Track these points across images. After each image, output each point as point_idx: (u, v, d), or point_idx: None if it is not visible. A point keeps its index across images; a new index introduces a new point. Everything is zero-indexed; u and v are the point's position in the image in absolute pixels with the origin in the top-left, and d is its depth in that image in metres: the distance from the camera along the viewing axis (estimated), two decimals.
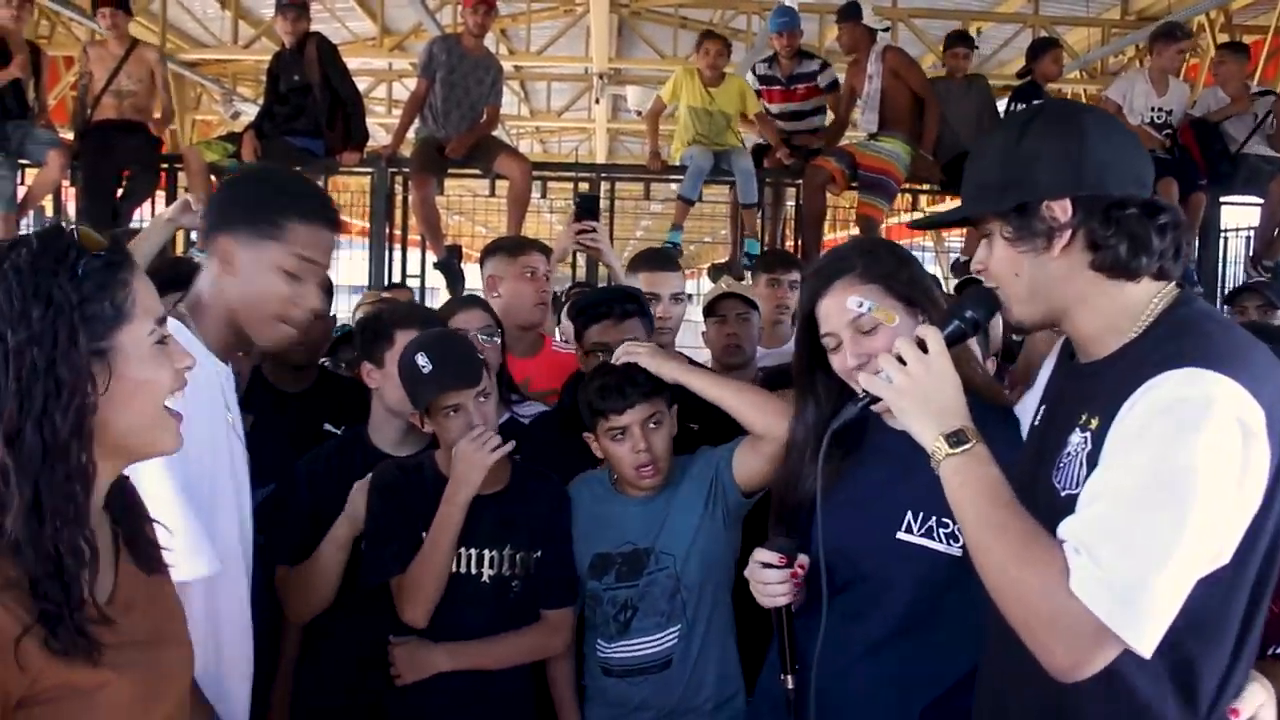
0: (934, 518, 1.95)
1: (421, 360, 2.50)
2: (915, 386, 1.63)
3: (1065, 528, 1.46)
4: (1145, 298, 1.58)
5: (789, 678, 2.00)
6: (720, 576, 2.56)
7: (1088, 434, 1.53)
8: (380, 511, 2.59)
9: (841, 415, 1.80)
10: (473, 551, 2.56)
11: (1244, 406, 1.40)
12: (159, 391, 1.45)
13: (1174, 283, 1.60)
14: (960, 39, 7.76)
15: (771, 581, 2.00)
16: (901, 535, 1.98)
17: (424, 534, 2.52)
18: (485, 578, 2.57)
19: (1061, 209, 1.57)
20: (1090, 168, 1.57)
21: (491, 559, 2.58)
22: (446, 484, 2.53)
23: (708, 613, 2.55)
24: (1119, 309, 1.59)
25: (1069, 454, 1.57)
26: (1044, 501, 1.57)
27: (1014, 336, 4.10)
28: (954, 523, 1.85)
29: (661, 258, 3.65)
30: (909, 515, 1.98)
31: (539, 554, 2.61)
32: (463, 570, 2.55)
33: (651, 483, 2.55)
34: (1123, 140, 1.62)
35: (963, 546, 1.77)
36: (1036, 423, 1.77)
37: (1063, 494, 1.55)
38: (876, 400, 1.70)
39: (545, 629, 2.63)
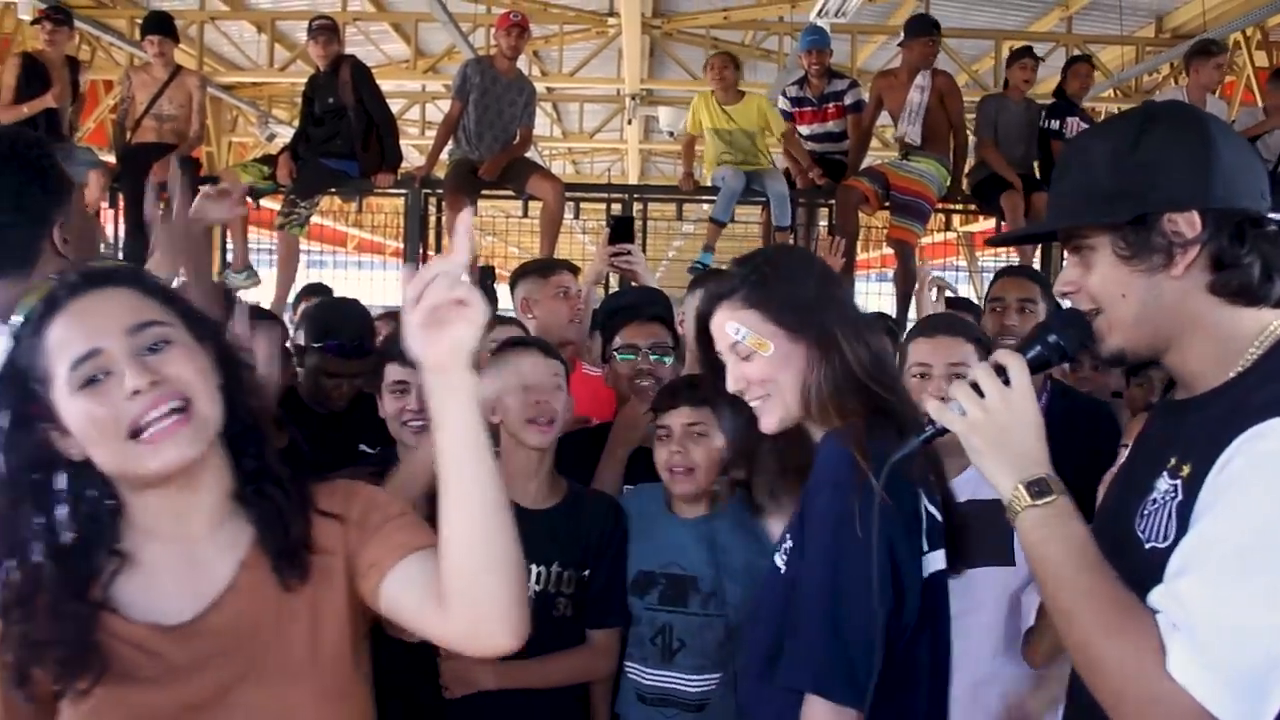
0: (786, 536, 1.84)
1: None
2: (992, 423, 1.43)
3: (1160, 598, 1.30)
4: (1257, 328, 1.40)
5: None
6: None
7: (1177, 481, 1.37)
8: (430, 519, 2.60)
9: (904, 448, 1.55)
10: None
11: None
12: (98, 435, 1.39)
13: None
14: (1027, 53, 7.57)
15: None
16: (776, 556, 1.88)
17: None
18: (531, 593, 2.55)
19: (1188, 223, 1.38)
20: (1220, 178, 1.39)
21: (539, 575, 2.57)
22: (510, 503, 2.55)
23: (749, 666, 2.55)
24: (1229, 339, 1.41)
25: (1155, 501, 1.40)
26: (1125, 551, 1.41)
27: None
28: (790, 538, 1.81)
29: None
30: (785, 538, 1.86)
31: (588, 573, 2.59)
32: None
33: (684, 489, 2.54)
34: (1247, 150, 1.46)
35: (787, 563, 1.78)
36: (1124, 460, 1.61)
37: (1147, 546, 1.39)
38: (944, 433, 1.50)
39: (592, 651, 2.61)
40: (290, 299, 6.55)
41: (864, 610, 1.60)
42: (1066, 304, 1.57)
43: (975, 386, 1.46)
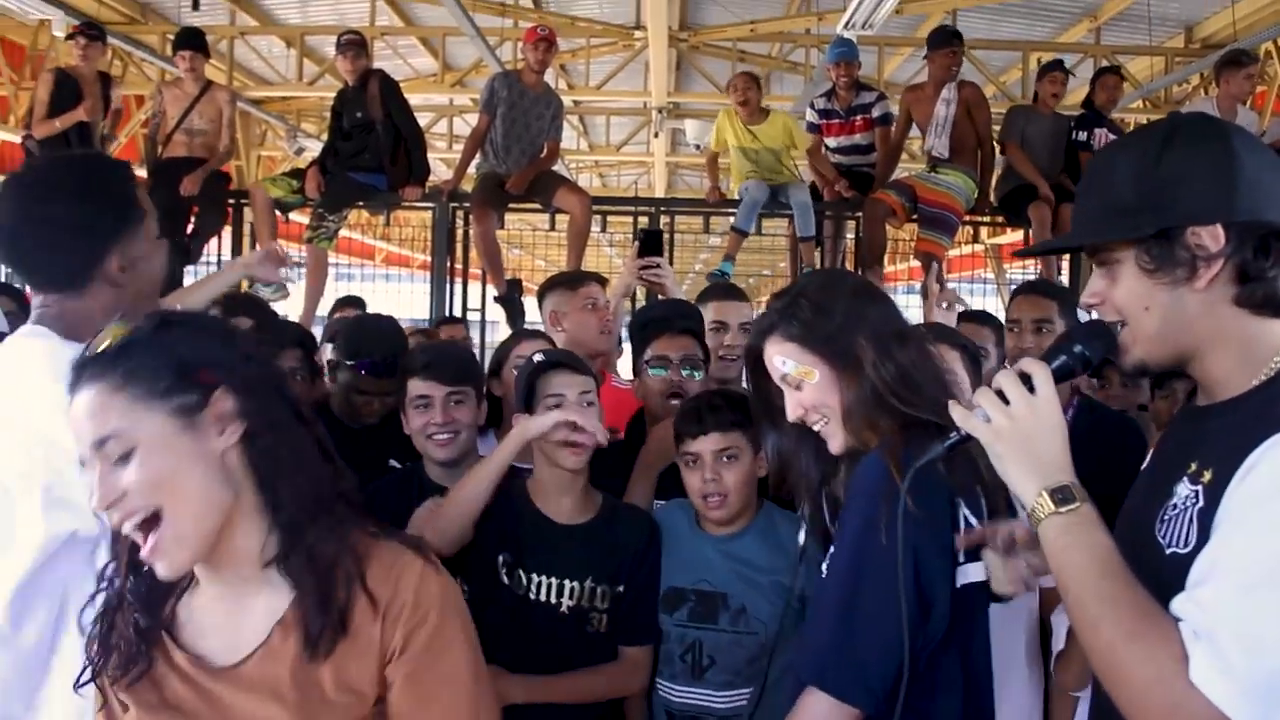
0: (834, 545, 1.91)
1: (537, 355, 2.61)
2: (1017, 430, 1.44)
3: (1182, 605, 1.30)
4: None
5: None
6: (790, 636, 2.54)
7: (1199, 487, 1.37)
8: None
9: (928, 453, 1.58)
10: (552, 580, 2.53)
11: None
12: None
13: None
14: (1057, 66, 7.57)
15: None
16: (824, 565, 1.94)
17: (517, 560, 2.52)
18: (564, 608, 2.54)
19: (1212, 236, 1.39)
20: (1244, 191, 1.39)
21: (572, 590, 2.55)
22: (536, 511, 2.55)
23: (786, 678, 2.54)
24: (1254, 348, 1.42)
25: (1176, 507, 1.40)
26: (1146, 557, 1.41)
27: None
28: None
29: (729, 289, 3.69)
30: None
31: (621, 589, 2.58)
32: (541, 599, 2.52)
33: (718, 515, 2.53)
34: (1273, 162, 1.45)
35: (827, 569, 1.83)
36: (1145, 466, 1.62)
37: (1167, 551, 1.39)
38: (968, 439, 1.52)
39: (624, 667, 2.59)
40: (322, 311, 6.59)
41: (883, 614, 1.64)
42: (1092, 315, 1.57)
43: (1000, 394, 1.47)
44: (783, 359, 1.91)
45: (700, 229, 8.73)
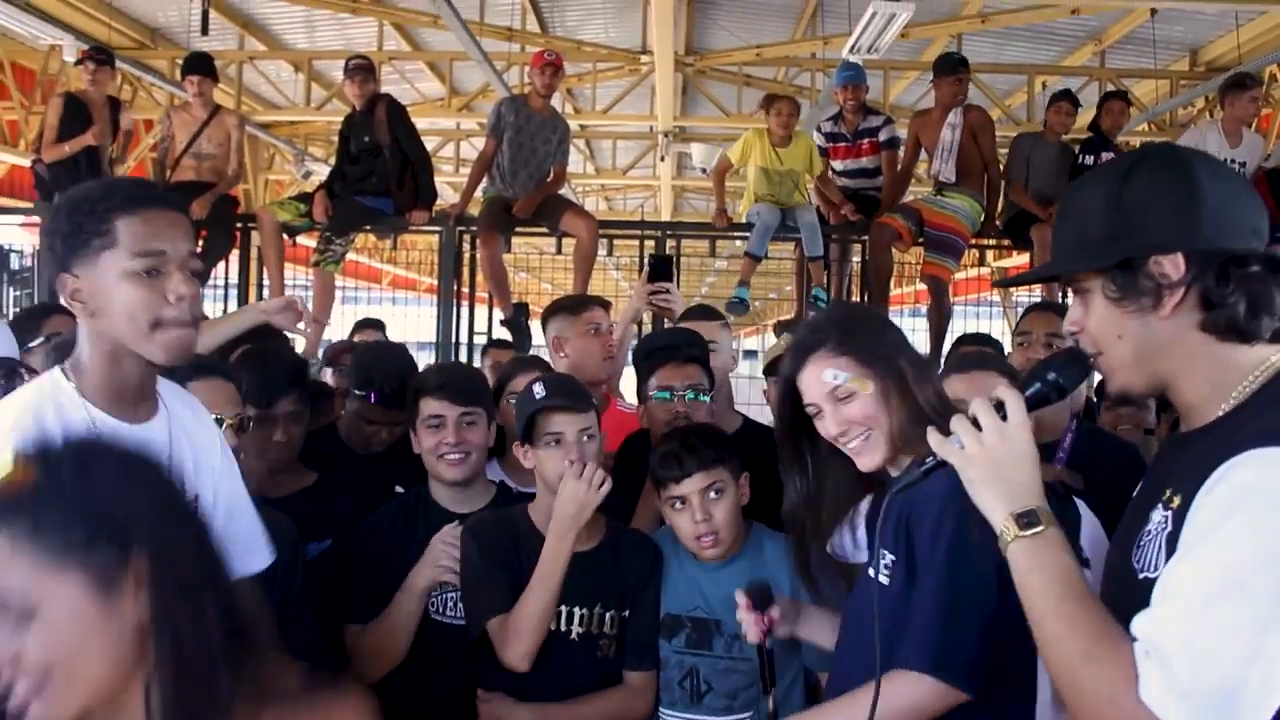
0: (884, 553, 1.98)
1: (537, 387, 2.60)
2: (988, 456, 1.50)
3: (1138, 625, 1.33)
4: (1254, 362, 1.43)
5: (769, 697, 2.22)
6: (796, 668, 2.54)
7: (1169, 512, 1.39)
8: (475, 560, 2.59)
9: (903, 479, 1.68)
10: (561, 607, 2.55)
11: None
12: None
13: None
14: (1066, 96, 7.60)
15: (744, 620, 2.21)
16: (870, 572, 2.00)
17: (520, 584, 2.52)
18: (574, 635, 2.56)
19: (1173, 264, 1.42)
20: (1204, 219, 1.42)
21: (581, 616, 2.57)
22: (539, 536, 2.54)
23: (782, 699, 2.54)
24: (1226, 374, 1.44)
25: (1149, 533, 1.43)
26: (1124, 582, 1.46)
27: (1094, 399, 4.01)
28: (890, 554, 1.95)
29: (700, 310, 3.73)
30: (880, 554, 1.99)
31: (628, 613, 2.59)
32: (551, 626, 2.53)
33: (713, 553, 2.54)
34: (1236, 189, 1.48)
35: (890, 576, 1.93)
36: (1135, 493, 1.64)
37: (1140, 576, 1.42)
38: (942, 465, 1.57)
39: (630, 692, 2.60)
40: (329, 335, 6.60)
41: (984, 605, 1.79)
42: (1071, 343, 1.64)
43: (975, 422, 1.53)
44: (834, 372, 1.99)
45: (706, 253, 8.75)
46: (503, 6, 10.42)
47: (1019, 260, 9.64)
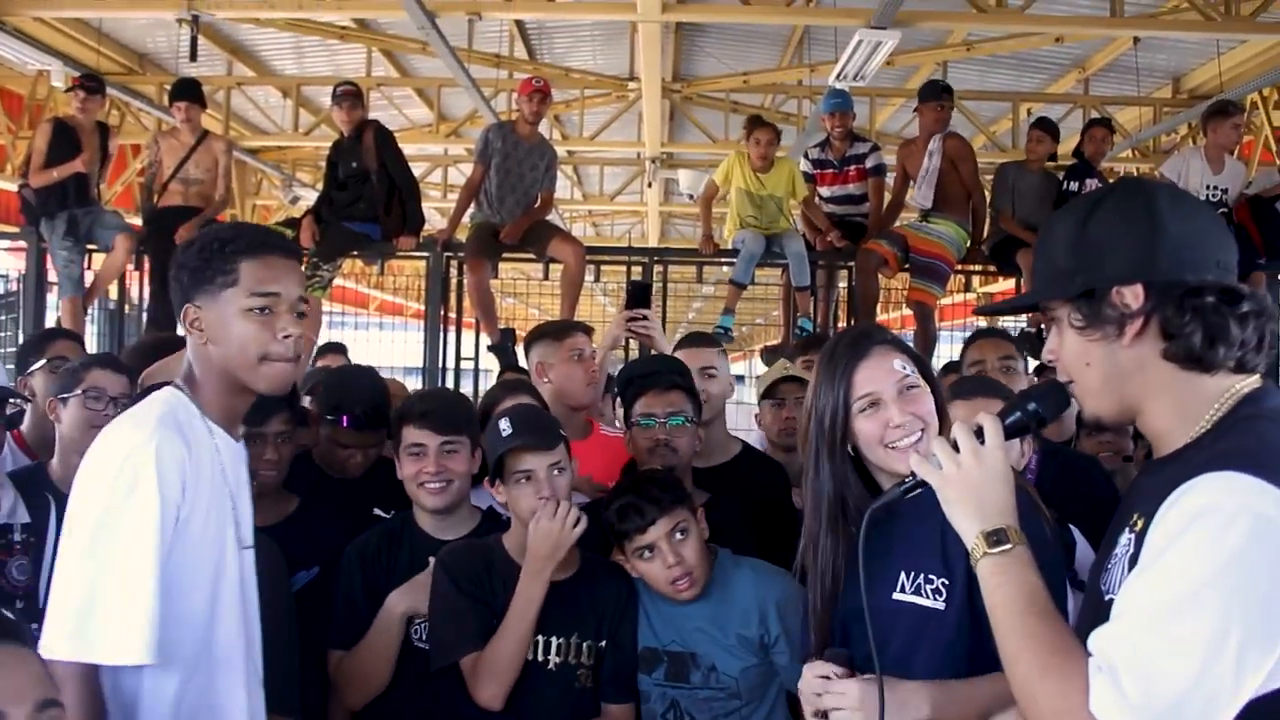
0: (922, 575, 1.94)
1: (504, 424, 2.58)
2: (964, 478, 1.58)
3: (1092, 641, 1.39)
4: (1218, 391, 1.48)
5: None
6: (775, 690, 2.54)
7: (1132, 535, 1.45)
8: (449, 591, 2.58)
9: (884, 497, 1.76)
10: (539, 638, 2.54)
11: None
12: None
13: (1256, 376, 1.50)
14: (1043, 124, 7.65)
15: (835, 692, 1.88)
16: (896, 595, 1.95)
17: (494, 616, 2.51)
18: (551, 665, 2.56)
19: (1133, 295, 1.48)
20: (1164, 251, 1.47)
21: (559, 646, 2.56)
22: (515, 566, 2.54)
23: None
24: (1191, 403, 1.49)
25: (1116, 556, 1.49)
26: (1095, 605, 1.51)
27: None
28: (939, 578, 1.91)
29: (694, 336, 3.70)
30: (902, 575, 1.95)
31: (604, 644, 2.59)
32: (529, 656, 2.53)
33: (690, 594, 2.53)
34: (1202, 222, 1.52)
35: (946, 601, 1.88)
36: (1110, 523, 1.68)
37: (1106, 598, 1.47)
38: (922, 485, 1.66)
39: None
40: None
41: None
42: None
43: (955, 445, 1.61)
44: (903, 362, 2.01)
45: (693, 279, 8.76)
46: (491, 34, 10.46)
47: (1004, 286, 9.69)
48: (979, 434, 1.61)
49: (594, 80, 12.15)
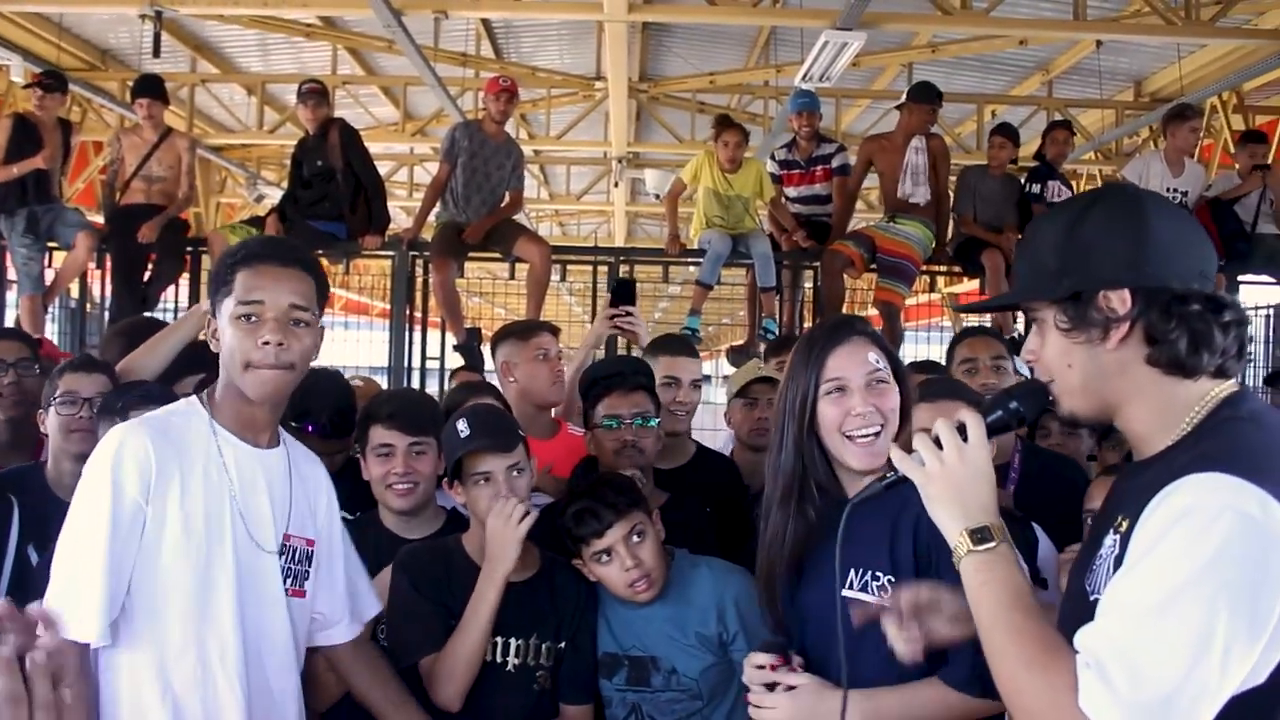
0: (869, 572, 2.00)
1: (461, 425, 2.56)
2: (947, 475, 1.59)
3: (1079, 638, 1.40)
4: (1198, 396, 1.51)
5: None
6: (736, 689, 2.55)
7: (1117, 537, 1.46)
8: (408, 592, 2.57)
9: (863, 491, 1.78)
10: (499, 639, 2.53)
11: (1269, 515, 1.32)
12: None
13: (1232, 381, 1.53)
14: (1004, 130, 7.74)
15: (772, 683, 2.01)
16: (845, 592, 1.99)
17: (453, 616, 2.50)
18: (510, 666, 2.55)
19: (1120, 300, 1.50)
20: (1152, 258, 1.49)
21: (518, 648, 2.55)
22: (474, 566, 2.53)
23: None
24: (1172, 407, 1.51)
25: (1101, 557, 1.50)
26: (1079, 605, 1.51)
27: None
28: (885, 575, 1.97)
29: (681, 344, 3.69)
30: (851, 572, 2.01)
31: (563, 645, 2.59)
32: (488, 657, 2.52)
33: (648, 596, 2.53)
34: (1188, 234, 1.55)
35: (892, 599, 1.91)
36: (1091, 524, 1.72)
37: (1091, 598, 1.48)
38: (903, 481, 1.66)
39: None
40: None
41: None
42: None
43: (937, 442, 1.61)
44: (878, 355, 2.07)
45: (659, 278, 8.77)
46: (457, 32, 10.43)
47: (969, 286, 9.77)
48: (961, 431, 1.61)
49: (560, 79, 12.15)
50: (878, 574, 1.99)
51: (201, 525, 2.07)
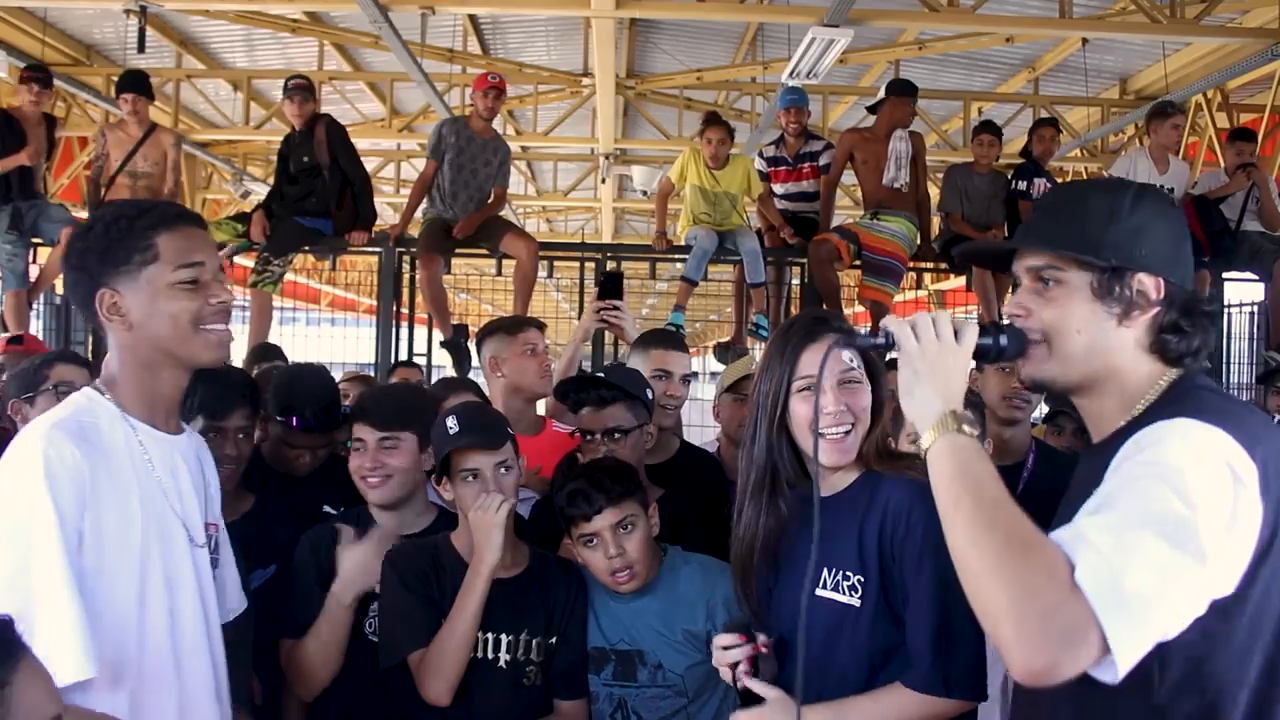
0: (840, 571, 2.04)
1: (450, 422, 2.57)
2: (938, 353, 1.60)
3: (1059, 533, 1.39)
4: (1150, 380, 1.61)
5: None
6: (722, 688, 2.55)
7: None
8: (397, 589, 2.57)
9: (856, 342, 1.82)
10: (489, 635, 2.54)
11: (1235, 455, 1.40)
12: None
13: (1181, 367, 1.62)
14: (988, 127, 7.80)
15: (736, 661, 2.06)
16: (818, 591, 2.03)
17: (442, 614, 2.50)
18: (501, 662, 2.55)
19: (1156, 287, 1.59)
20: (1183, 261, 1.63)
21: (508, 643, 2.56)
22: (462, 564, 2.53)
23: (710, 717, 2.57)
24: (1133, 389, 1.61)
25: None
26: None
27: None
28: (855, 574, 2.02)
29: (672, 338, 3.68)
30: (824, 571, 2.05)
31: (554, 640, 2.59)
32: (478, 654, 2.52)
33: (628, 587, 2.54)
34: (1189, 241, 1.68)
35: (862, 598, 2.00)
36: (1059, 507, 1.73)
37: None
38: (892, 345, 1.67)
39: None
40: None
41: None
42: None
43: (934, 324, 1.64)
44: (852, 354, 2.06)
45: (647, 274, 8.77)
46: (444, 28, 10.41)
47: (956, 283, 9.79)
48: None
49: (548, 76, 12.13)
50: (848, 573, 2.02)
51: (137, 529, 1.91)
